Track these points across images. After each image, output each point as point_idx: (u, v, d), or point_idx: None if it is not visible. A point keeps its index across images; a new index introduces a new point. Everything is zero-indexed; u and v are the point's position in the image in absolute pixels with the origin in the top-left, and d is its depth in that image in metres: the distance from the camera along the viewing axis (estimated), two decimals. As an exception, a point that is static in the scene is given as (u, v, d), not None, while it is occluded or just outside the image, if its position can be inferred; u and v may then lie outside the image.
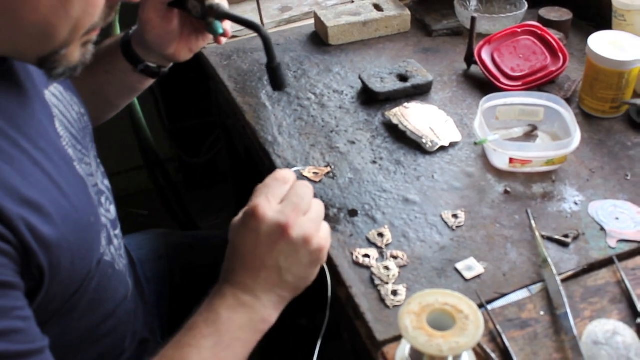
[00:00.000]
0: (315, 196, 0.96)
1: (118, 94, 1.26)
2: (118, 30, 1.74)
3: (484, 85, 1.42)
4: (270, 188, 0.93)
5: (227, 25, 1.12)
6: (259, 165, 1.39)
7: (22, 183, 0.77)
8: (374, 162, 1.24)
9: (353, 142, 1.30)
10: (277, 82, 1.10)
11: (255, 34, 1.08)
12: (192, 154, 2.60)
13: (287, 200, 0.91)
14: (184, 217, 2.34)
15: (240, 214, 0.93)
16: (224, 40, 1.14)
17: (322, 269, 0.99)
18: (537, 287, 0.99)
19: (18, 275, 0.75)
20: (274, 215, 0.89)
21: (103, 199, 1.02)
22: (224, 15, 1.08)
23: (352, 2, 1.76)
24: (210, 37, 1.17)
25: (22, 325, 0.75)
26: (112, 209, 1.07)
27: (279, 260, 0.91)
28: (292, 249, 0.90)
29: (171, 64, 1.22)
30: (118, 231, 1.08)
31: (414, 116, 1.31)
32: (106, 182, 1.08)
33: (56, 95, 0.97)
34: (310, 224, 0.91)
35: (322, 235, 0.92)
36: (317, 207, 0.94)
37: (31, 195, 0.77)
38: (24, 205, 0.76)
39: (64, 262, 0.83)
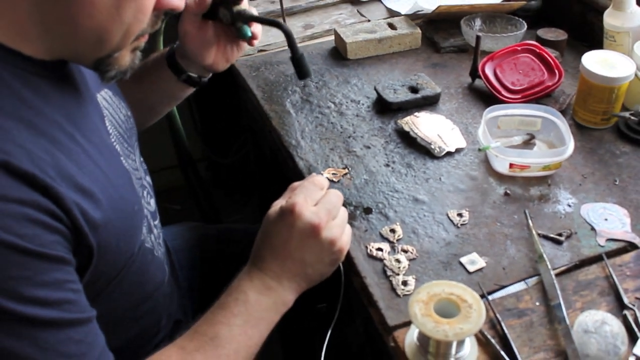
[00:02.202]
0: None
1: (161, 101, 1.27)
2: (161, 47, 1.75)
3: (487, 98, 1.42)
4: (308, 190, 0.96)
5: (257, 29, 1.13)
6: (282, 166, 1.40)
7: (77, 172, 0.78)
8: (387, 165, 1.25)
9: (368, 147, 1.30)
10: (302, 70, 1.11)
11: (281, 48, 1.09)
12: (221, 155, 2.60)
13: (322, 204, 0.95)
14: (211, 213, 2.35)
15: (277, 208, 0.95)
16: (255, 42, 1.15)
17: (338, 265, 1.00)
18: (533, 280, 0.99)
19: (70, 253, 0.77)
20: (310, 215, 0.92)
21: (145, 193, 1.03)
22: (251, 18, 1.09)
23: (369, 21, 1.76)
24: (245, 47, 1.18)
25: (74, 296, 0.76)
26: (152, 202, 1.08)
27: (305, 255, 0.93)
28: (319, 247, 0.93)
29: (210, 74, 1.23)
30: (157, 222, 1.09)
31: (423, 124, 1.31)
32: (148, 178, 1.09)
33: (106, 99, 0.99)
34: (337, 229, 0.95)
35: (344, 239, 0.96)
36: (343, 214, 0.98)
37: (84, 183, 0.79)
38: (78, 192, 0.77)
39: (110, 244, 0.84)
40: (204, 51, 1.14)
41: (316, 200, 0.95)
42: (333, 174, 1.23)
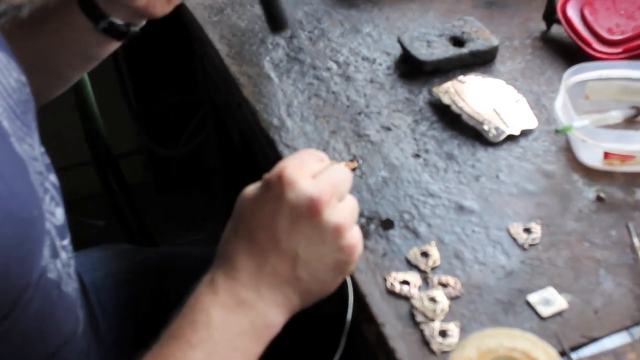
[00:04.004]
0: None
1: (70, 62, 1.27)
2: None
3: (569, 53, 1.43)
4: (302, 159, 0.95)
5: None
6: (259, 158, 1.40)
7: None
8: (417, 156, 1.25)
9: (388, 129, 1.31)
10: (277, 18, 1.10)
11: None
12: (168, 144, 2.61)
13: (323, 176, 0.93)
14: (140, 233, 2.33)
15: (258, 183, 0.94)
16: None
17: (345, 284, 1.00)
18: (640, 330, 1.00)
19: None
20: (306, 184, 0.90)
21: (47, 198, 1.03)
22: None
23: (390, -63, 1.77)
24: None
25: None
26: (60, 212, 1.08)
27: (298, 244, 0.91)
28: (318, 235, 0.91)
29: (144, 22, 1.23)
30: (67, 242, 1.09)
31: (472, 94, 1.32)
32: (52, 177, 1.09)
33: None
34: (345, 212, 0.93)
35: (355, 234, 0.94)
36: (352, 201, 0.96)
37: None
38: None
39: None
40: None
41: (314, 173, 0.93)
42: (335, 169, 1.23)
